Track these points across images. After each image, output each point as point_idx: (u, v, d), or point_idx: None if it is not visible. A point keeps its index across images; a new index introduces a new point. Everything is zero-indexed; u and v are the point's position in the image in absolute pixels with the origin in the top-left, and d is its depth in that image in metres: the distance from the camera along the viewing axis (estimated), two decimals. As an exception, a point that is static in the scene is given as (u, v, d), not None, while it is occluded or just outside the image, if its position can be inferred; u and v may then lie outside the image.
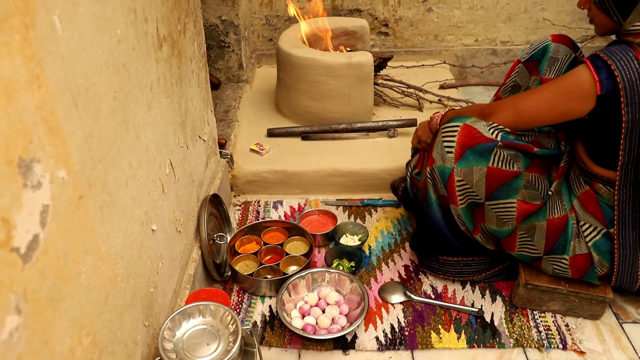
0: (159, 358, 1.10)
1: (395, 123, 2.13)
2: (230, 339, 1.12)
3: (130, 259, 1.03)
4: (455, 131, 1.37)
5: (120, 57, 0.96)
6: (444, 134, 1.39)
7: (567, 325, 1.51)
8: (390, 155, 2.03)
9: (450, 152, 1.37)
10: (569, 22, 2.66)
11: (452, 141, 1.37)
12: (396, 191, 1.87)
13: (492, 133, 1.35)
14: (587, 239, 1.41)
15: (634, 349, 1.46)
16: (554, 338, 1.47)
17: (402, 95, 2.35)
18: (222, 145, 1.98)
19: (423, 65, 2.73)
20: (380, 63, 2.29)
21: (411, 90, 2.33)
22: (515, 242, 1.45)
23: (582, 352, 1.44)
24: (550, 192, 1.41)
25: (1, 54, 0.61)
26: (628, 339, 1.48)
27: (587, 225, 1.42)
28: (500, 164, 1.34)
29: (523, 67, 1.57)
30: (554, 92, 1.30)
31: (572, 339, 1.47)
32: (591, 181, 1.41)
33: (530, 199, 1.37)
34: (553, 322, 1.52)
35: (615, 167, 1.31)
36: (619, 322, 1.53)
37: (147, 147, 1.11)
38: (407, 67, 2.69)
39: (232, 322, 1.15)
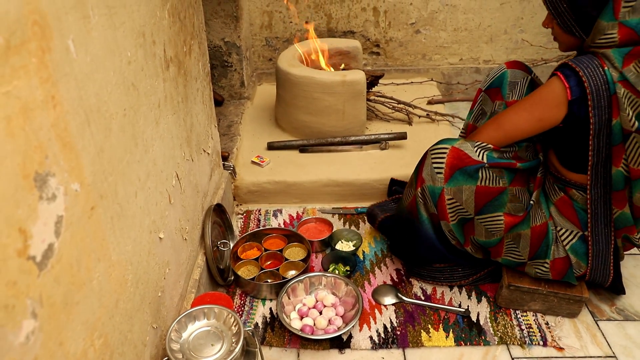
0: (166, 358, 1.09)
1: (386, 136, 2.14)
2: (233, 340, 1.12)
3: (139, 265, 1.03)
4: (444, 153, 1.37)
5: (130, 77, 0.96)
6: (433, 157, 1.40)
7: (547, 324, 1.51)
8: (382, 166, 2.04)
9: (440, 173, 1.37)
10: (545, 42, 2.67)
11: (442, 163, 1.37)
12: (374, 220, 1.83)
13: (479, 154, 1.36)
14: (565, 242, 1.42)
15: (608, 344, 1.46)
16: (535, 335, 1.47)
17: (393, 111, 2.36)
18: (225, 158, 1.98)
19: (412, 82, 2.74)
20: (372, 80, 2.30)
21: (401, 105, 2.34)
22: (502, 250, 1.45)
23: (561, 348, 1.44)
24: (531, 202, 1.41)
25: (19, 75, 0.61)
26: (603, 335, 1.48)
27: (563, 230, 1.42)
28: (487, 182, 1.34)
29: (485, 95, 1.58)
30: (531, 103, 1.31)
31: (551, 336, 1.47)
32: (565, 187, 1.42)
33: (514, 212, 1.38)
34: (534, 320, 1.52)
35: (585, 171, 1.32)
36: (594, 319, 1.53)
37: (154, 160, 1.12)
38: (397, 84, 2.70)
39: (234, 323, 1.14)
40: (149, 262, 1.09)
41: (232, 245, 1.73)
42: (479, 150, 1.36)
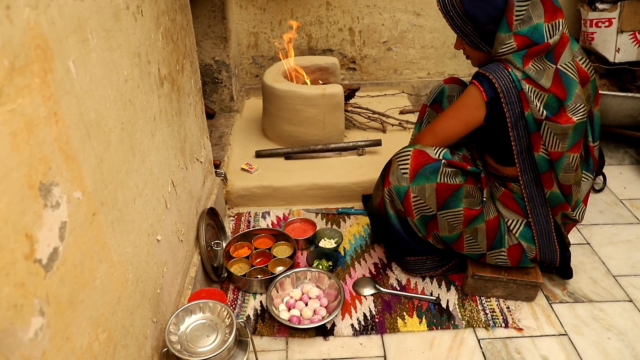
0: (165, 349, 1.09)
1: (363, 143, 2.15)
2: (227, 331, 1.12)
3: (138, 265, 1.02)
4: (408, 156, 1.41)
5: (127, 94, 0.96)
6: (399, 161, 1.43)
7: (508, 308, 1.53)
8: (360, 170, 2.05)
9: (406, 174, 1.40)
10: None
11: (407, 164, 1.40)
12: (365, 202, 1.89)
13: (437, 154, 1.40)
14: (514, 231, 1.45)
15: (561, 324, 1.48)
16: (498, 318, 1.49)
17: (369, 120, 2.37)
18: (217, 166, 1.97)
19: (385, 94, 2.76)
20: (350, 93, 2.31)
21: (376, 115, 2.35)
22: (463, 244, 1.47)
23: (520, 329, 1.46)
24: (484, 199, 1.44)
25: (23, 94, 0.61)
26: (556, 316, 1.51)
27: (511, 220, 1.45)
28: (446, 179, 1.38)
29: (430, 110, 1.64)
30: (456, 110, 1.37)
31: (512, 318, 1.49)
32: (505, 183, 1.45)
33: (471, 206, 1.41)
34: (497, 305, 1.54)
35: (514, 163, 1.36)
36: (549, 302, 1.56)
37: (151, 169, 1.11)
38: (372, 97, 2.72)
39: (227, 316, 1.14)
40: (148, 262, 1.08)
41: (224, 245, 1.72)
42: (437, 150, 1.41)
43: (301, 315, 1.46)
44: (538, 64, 1.25)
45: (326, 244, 1.78)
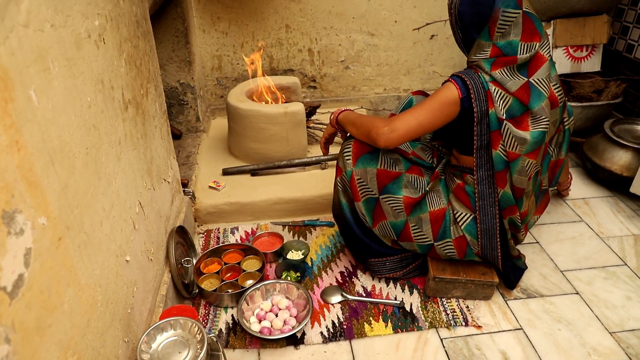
0: (137, 368, 1.06)
1: (325, 158, 2.17)
2: (198, 347, 1.10)
3: (107, 286, 1.00)
4: (350, 145, 1.50)
5: (91, 120, 0.94)
6: (343, 151, 1.51)
7: (467, 307, 1.57)
8: (323, 183, 2.06)
9: (349, 159, 1.49)
10: (451, 73, 2.80)
11: (349, 152, 1.49)
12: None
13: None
14: (460, 223, 1.49)
15: (516, 319, 1.53)
16: (459, 318, 1.52)
17: (330, 135, 2.39)
18: (185, 185, 1.95)
19: (345, 110, 2.79)
20: (311, 110, 2.34)
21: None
22: (410, 233, 1.50)
23: (479, 327, 1.50)
24: (427, 189, 1.50)
25: (-17, 125, 0.59)
26: (512, 312, 1.56)
27: (459, 213, 1.49)
28: (385, 166, 1.47)
29: None
30: (433, 103, 1.35)
31: (471, 317, 1.53)
32: (461, 174, 1.50)
33: (412, 195, 1.47)
34: (457, 305, 1.57)
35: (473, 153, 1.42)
36: (504, 300, 1.61)
37: (118, 192, 1.09)
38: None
39: (198, 332, 1.12)
40: (117, 283, 1.06)
41: (194, 261, 1.69)
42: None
43: (272, 326, 1.45)
44: (508, 73, 1.33)
45: (294, 255, 1.78)
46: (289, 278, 1.65)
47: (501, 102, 1.33)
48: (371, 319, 1.52)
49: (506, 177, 1.40)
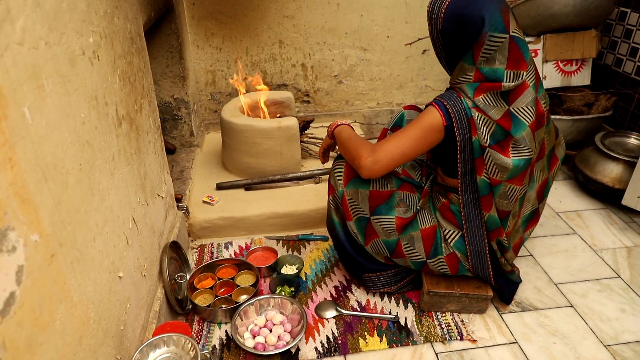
0: (129, 387, 1.05)
1: (319, 172, 2.18)
2: (191, 363, 1.09)
3: (100, 303, 0.99)
4: (342, 166, 1.50)
5: (85, 136, 0.95)
6: (334, 170, 1.52)
7: (462, 321, 1.57)
8: (317, 197, 2.07)
9: (340, 180, 1.49)
10: (443, 87, 2.85)
11: (341, 172, 1.50)
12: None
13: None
14: (449, 240, 1.49)
15: (511, 332, 1.53)
16: (453, 332, 1.52)
17: (324, 149, 2.40)
18: (179, 199, 1.95)
19: (339, 124, 2.81)
20: (305, 125, 2.35)
21: (330, 145, 2.39)
22: (402, 250, 1.50)
23: (474, 340, 1.49)
24: (418, 208, 1.50)
25: (-23, 142, 0.60)
26: (506, 325, 1.56)
27: (447, 230, 1.50)
28: (377, 186, 1.46)
29: (391, 133, 1.66)
30: (417, 131, 1.33)
31: (466, 331, 1.53)
32: (446, 193, 1.50)
33: (403, 214, 1.47)
34: (452, 319, 1.57)
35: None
36: (499, 313, 1.61)
37: (111, 207, 1.09)
38: (326, 127, 2.73)
39: (192, 348, 1.12)
40: (110, 299, 1.05)
41: (188, 277, 1.68)
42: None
43: (266, 341, 1.44)
44: (491, 99, 1.29)
45: (288, 270, 1.77)
46: (283, 293, 1.64)
47: (485, 128, 1.30)
48: (366, 333, 1.51)
49: (491, 201, 1.40)
